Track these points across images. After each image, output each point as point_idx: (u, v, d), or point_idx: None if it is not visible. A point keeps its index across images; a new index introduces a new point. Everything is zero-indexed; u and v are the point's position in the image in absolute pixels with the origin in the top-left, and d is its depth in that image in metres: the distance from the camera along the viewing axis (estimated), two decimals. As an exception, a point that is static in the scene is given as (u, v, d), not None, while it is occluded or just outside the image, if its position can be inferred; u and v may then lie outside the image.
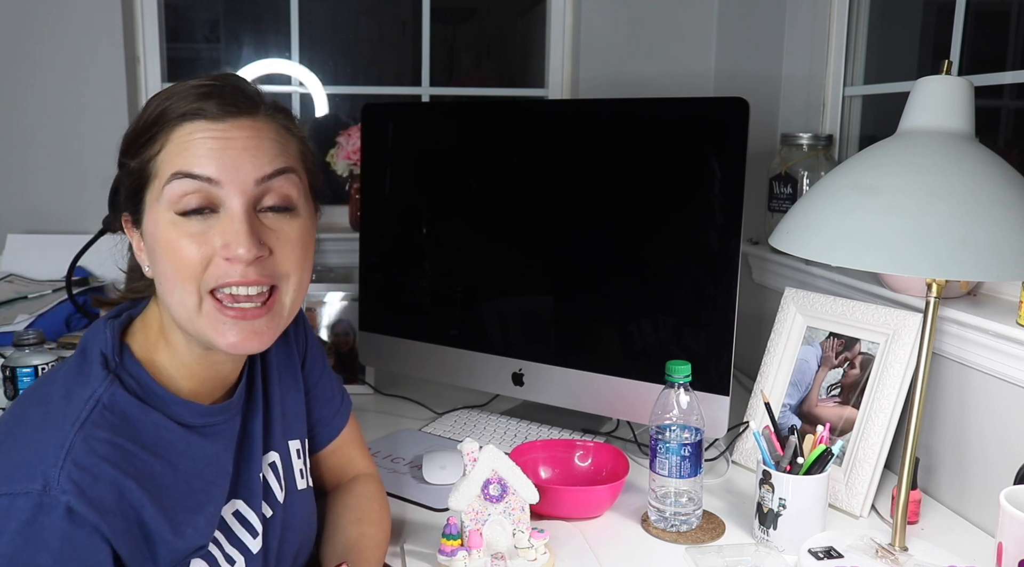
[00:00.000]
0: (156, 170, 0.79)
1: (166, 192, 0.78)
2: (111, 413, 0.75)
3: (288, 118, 0.85)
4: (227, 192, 0.78)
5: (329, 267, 1.92)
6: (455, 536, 1.01)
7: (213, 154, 0.77)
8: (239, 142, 0.79)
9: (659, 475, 1.13)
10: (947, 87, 1.01)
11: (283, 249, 0.81)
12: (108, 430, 0.74)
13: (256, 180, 0.79)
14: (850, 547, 1.06)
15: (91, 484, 0.70)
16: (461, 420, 1.52)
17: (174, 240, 0.78)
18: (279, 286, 0.81)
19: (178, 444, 0.80)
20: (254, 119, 0.81)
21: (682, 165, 1.29)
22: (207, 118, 0.78)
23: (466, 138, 1.51)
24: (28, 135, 1.89)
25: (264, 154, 0.80)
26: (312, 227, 0.87)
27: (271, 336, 0.82)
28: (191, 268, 0.77)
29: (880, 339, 1.24)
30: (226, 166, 0.78)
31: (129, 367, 0.80)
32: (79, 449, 0.71)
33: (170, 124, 0.79)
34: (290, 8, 2.07)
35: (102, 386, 0.77)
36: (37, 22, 1.86)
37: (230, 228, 0.77)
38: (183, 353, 0.83)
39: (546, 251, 1.43)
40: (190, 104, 0.79)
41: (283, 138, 0.83)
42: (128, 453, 0.74)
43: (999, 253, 0.90)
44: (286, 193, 0.81)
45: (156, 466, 0.77)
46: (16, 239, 1.85)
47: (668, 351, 1.29)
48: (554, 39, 2.09)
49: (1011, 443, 1.11)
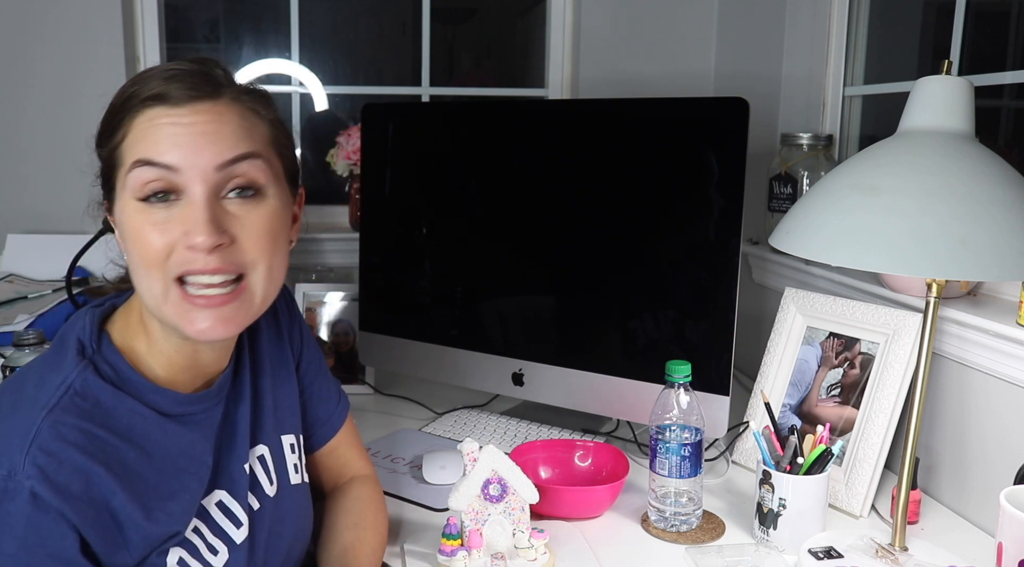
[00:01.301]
0: (121, 157, 0.79)
1: (129, 180, 0.77)
2: (82, 399, 0.75)
3: (257, 100, 0.83)
4: (188, 179, 0.76)
5: (329, 267, 1.92)
6: (455, 536, 1.01)
7: (173, 140, 0.76)
8: (199, 127, 0.77)
9: (659, 475, 1.13)
10: (947, 87, 1.01)
11: (247, 236, 0.79)
12: (77, 416, 0.73)
13: (216, 166, 0.77)
14: (850, 547, 1.06)
15: (56, 469, 0.70)
16: (461, 420, 1.52)
17: (138, 227, 0.77)
18: (246, 274, 0.80)
19: (153, 431, 0.79)
20: (215, 102, 0.79)
21: (682, 165, 1.29)
22: (169, 103, 0.77)
23: (466, 138, 1.51)
24: (28, 135, 1.89)
25: (225, 139, 0.78)
26: (284, 212, 0.84)
27: (240, 323, 0.81)
28: (155, 256, 0.77)
29: (880, 339, 1.24)
30: (185, 153, 0.76)
31: (106, 354, 0.80)
32: (46, 434, 0.71)
33: (133, 110, 0.78)
34: (290, 8, 2.07)
35: (74, 372, 0.76)
36: (37, 22, 1.86)
37: (190, 216, 0.76)
38: (161, 341, 0.82)
39: (546, 251, 1.43)
40: (154, 89, 0.78)
41: (248, 122, 0.81)
42: (98, 439, 0.74)
43: (999, 253, 0.90)
44: (251, 178, 0.79)
45: (128, 453, 0.76)
46: (16, 239, 1.85)
47: (668, 351, 1.29)
48: (554, 39, 2.09)
49: (1011, 443, 1.11)
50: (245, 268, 0.80)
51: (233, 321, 0.80)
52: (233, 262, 0.79)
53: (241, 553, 0.86)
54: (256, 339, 0.97)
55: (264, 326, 0.99)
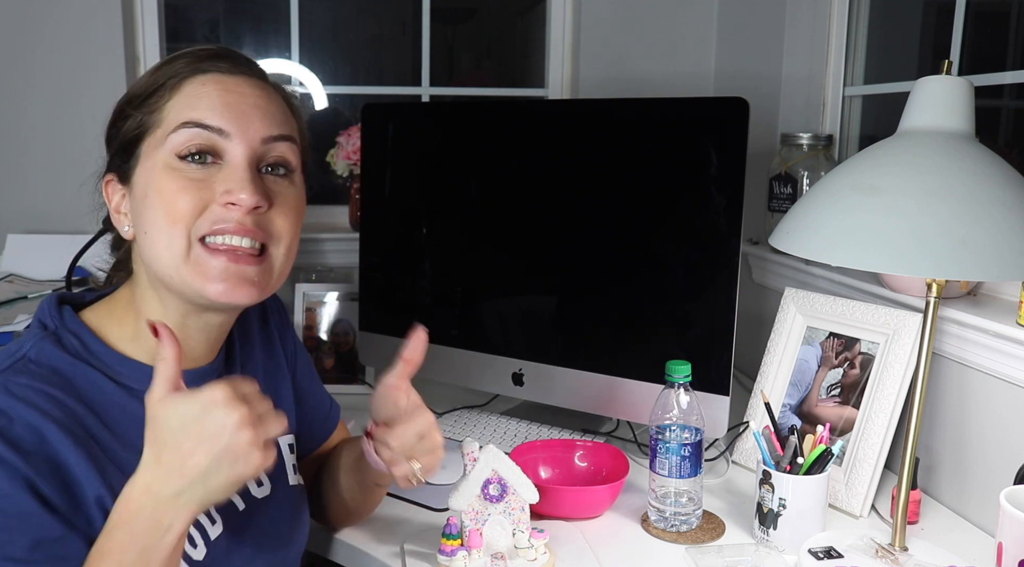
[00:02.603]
0: (160, 120, 0.80)
1: (171, 139, 0.78)
2: (36, 366, 0.75)
3: (291, 96, 0.88)
4: (234, 143, 0.79)
5: (329, 267, 1.91)
6: (455, 536, 1.01)
7: (226, 107, 0.79)
8: (250, 99, 0.81)
9: (659, 475, 1.13)
10: (947, 87, 1.01)
11: (280, 208, 0.82)
12: (29, 377, 0.73)
13: (263, 138, 0.81)
14: (850, 547, 1.06)
15: (6, 426, 0.69)
16: (461, 420, 1.52)
17: (171, 183, 0.78)
18: (270, 247, 0.81)
19: (115, 403, 0.78)
20: (264, 83, 0.84)
21: (682, 165, 1.29)
22: (224, 72, 0.81)
23: (466, 138, 1.51)
24: (28, 135, 1.89)
25: (273, 117, 0.82)
26: (304, 200, 0.88)
27: (257, 289, 0.81)
28: (184, 212, 0.77)
29: (880, 339, 1.24)
30: (237, 118, 0.79)
31: (70, 325, 0.79)
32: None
33: (182, 75, 0.80)
34: (290, 8, 2.07)
35: (30, 342, 0.76)
36: (37, 22, 1.86)
37: (233, 176, 0.78)
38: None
39: (546, 251, 1.43)
40: (202, 62, 0.81)
41: (287, 109, 0.86)
42: (52, 398, 0.73)
43: (999, 253, 0.90)
44: (287, 158, 0.83)
45: (88, 418, 0.75)
46: (16, 239, 1.85)
47: (668, 351, 1.29)
48: (554, 39, 2.09)
49: (1011, 443, 1.11)
50: (271, 239, 0.81)
51: (252, 284, 0.80)
52: (264, 229, 0.80)
53: (217, 549, 0.84)
54: (248, 341, 0.97)
55: (256, 328, 0.99)
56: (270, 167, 0.82)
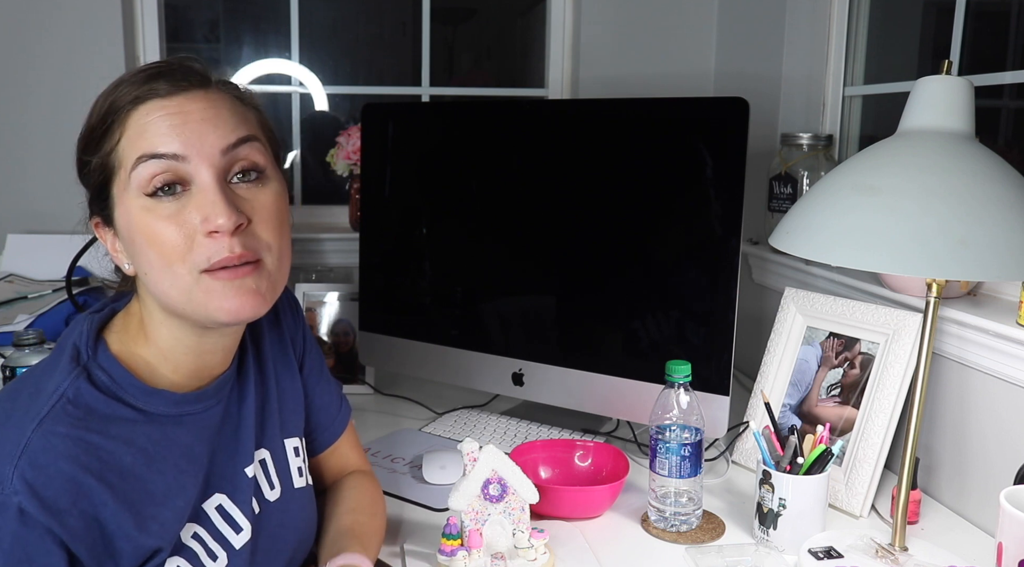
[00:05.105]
0: (119, 160, 0.78)
1: (133, 178, 0.77)
2: (74, 407, 0.74)
3: (239, 90, 0.85)
4: (195, 166, 0.77)
5: (329, 267, 1.92)
6: (455, 536, 1.01)
7: (174, 130, 0.77)
8: (196, 114, 0.78)
9: (659, 475, 1.13)
10: (947, 87, 1.01)
11: (260, 218, 0.80)
12: (68, 425, 0.73)
13: (222, 150, 0.78)
14: (850, 547, 1.06)
15: (45, 484, 0.70)
16: (461, 420, 1.52)
17: (151, 225, 0.77)
18: (263, 258, 0.80)
19: (149, 434, 0.79)
20: (207, 91, 0.80)
21: (682, 165, 1.29)
22: (160, 96, 0.78)
23: (466, 138, 1.51)
24: (28, 135, 1.89)
25: (224, 124, 0.79)
26: (285, 196, 0.85)
27: (264, 298, 0.81)
28: (176, 249, 0.76)
29: (880, 339, 1.24)
30: (189, 140, 0.77)
31: (101, 360, 0.79)
32: (35, 446, 0.70)
33: (123, 111, 0.78)
34: (290, 8, 2.07)
35: (67, 380, 0.76)
36: (37, 23, 1.86)
37: (205, 201, 0.76)
38: (169, 346, 0.82)
39: (546, 251, 1.43)
40: (139, 88, 0.78)
41: (240, 107, 0.82)
42: (91, 446, 0.73)
43: (999, 253, 0.90)
44: (254, 161, 0.81)
45: (125, 456, 0.76)
46: (16, 239, 1.85)
47: (668, 351, 1.29)
48: (554, 39, 2.09)
49: (1011, 443, 1.11)
50: (260, 252, 0.80)
51: (258, 294, 0.80)
52: (252, 247, 0.79)
53: (241, 558, 0.86)
54: (259, 342, 0.97)
55: (266, 328, 0.99)
56: (241, 174, 0.80)
